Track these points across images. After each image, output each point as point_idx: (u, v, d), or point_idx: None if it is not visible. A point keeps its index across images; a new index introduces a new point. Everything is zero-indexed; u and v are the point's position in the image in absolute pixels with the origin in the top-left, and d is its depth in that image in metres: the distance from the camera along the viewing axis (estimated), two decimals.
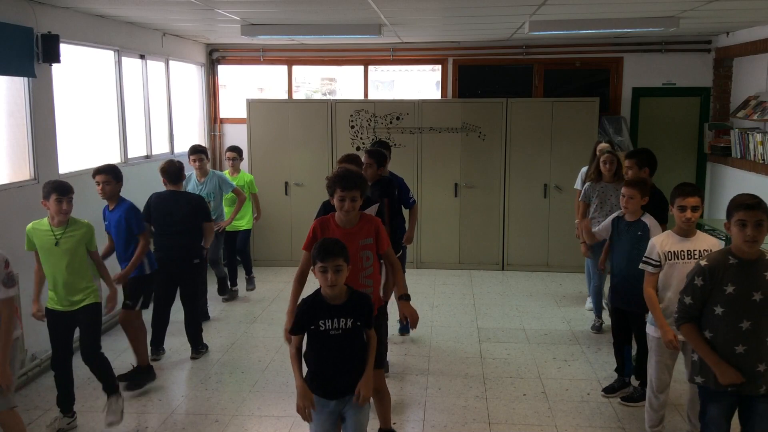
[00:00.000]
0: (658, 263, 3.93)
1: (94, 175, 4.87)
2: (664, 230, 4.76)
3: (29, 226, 4.31)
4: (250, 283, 7.52)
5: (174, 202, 5.51)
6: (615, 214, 4.82)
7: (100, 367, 4.45)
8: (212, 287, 7.13)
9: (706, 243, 3.93)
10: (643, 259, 4.01)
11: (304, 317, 3.23)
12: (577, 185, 6.71)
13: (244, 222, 7.24)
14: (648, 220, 4.63)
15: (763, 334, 3.12)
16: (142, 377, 5.05)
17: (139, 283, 5.07)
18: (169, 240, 5.47)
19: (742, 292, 3.11)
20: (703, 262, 3.21)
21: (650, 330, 4.09)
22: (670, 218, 4.32)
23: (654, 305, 3.93)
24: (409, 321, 3.85)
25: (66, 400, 4.44)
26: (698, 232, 4.00)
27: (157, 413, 4.71)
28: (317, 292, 3.23)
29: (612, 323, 4.95)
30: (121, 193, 5.02)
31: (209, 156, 6.59)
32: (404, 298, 3.89)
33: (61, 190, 4.18)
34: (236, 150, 7.36)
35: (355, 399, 3.24)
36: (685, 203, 3.88)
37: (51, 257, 4.23)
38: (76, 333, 4.44)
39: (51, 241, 4.21)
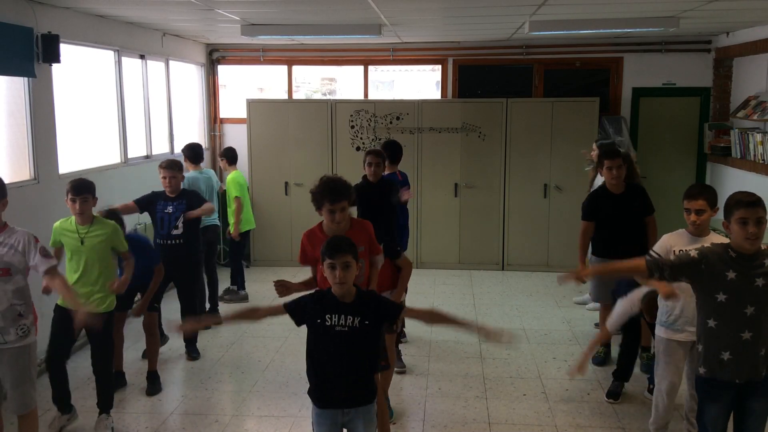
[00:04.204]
0: (658, 257, 3.92)
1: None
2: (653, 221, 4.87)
3: (57, 223, 4.34)
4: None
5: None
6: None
7: (106, 380, 4.43)
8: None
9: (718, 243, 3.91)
10: (650, 251, 4.00)
11: (308, 304, 3.16)
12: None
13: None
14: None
15: (766, 320, 3.13)
16: (157, 382, 5.10)
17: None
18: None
19: (744, 279, 3.11)
20: (707, 245, 3.29)
21: (659, 331, 4.04)
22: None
23: (626, 264, 3.64)
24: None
25: (62, 398, 4.41)
26: (712, 232, 3.94)
27: (157, 413, 4.71)
28: (329, 289, 3.18)
29: (630, 331, 4.80)
30: (120, 194, 5.02)
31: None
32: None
33: (75, 190, 4.18)
34: (224, 154, 7.27)
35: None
36: (690, 206, 3.87)
37: (76, 255, 4.24)
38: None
39: (76, 239, 4.24)
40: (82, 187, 4.21)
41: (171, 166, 5.40)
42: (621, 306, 4.15)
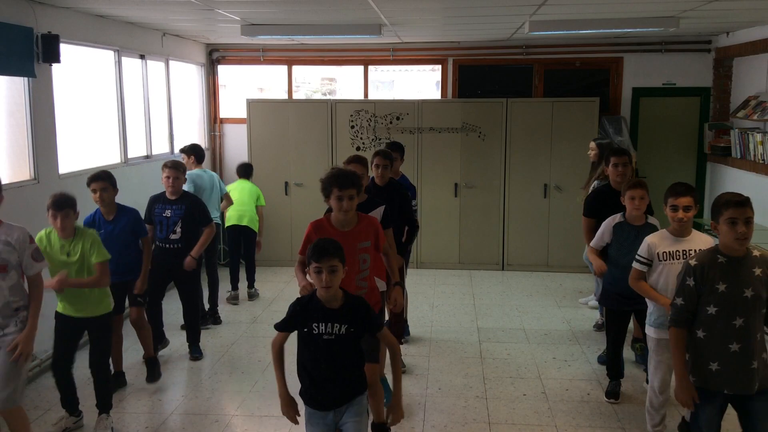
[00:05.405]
0: (648, 262, 3.95)
1: (89, 183, 4.71)
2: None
3: (40, 234, 4.19)
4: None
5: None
6: (616, 220, 4.71)
7: (104, 380, 4.43)
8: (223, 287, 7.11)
9: (701, 242, 3.90)
10: (636, 256, 4.01)
11: (297, 317, 3.15)
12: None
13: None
14: (653, 221, 4.64)
15: (754, 331, 3.14)
16: (156, 368, 5.20)
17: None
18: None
19: (733, 290, 3.11)
20: (692, 262, 3.21)
21: (650, 331, 4.07)
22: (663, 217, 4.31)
23: (646, 289, 3.96)
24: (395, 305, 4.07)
25: (70, 402, 4.44)
26: (694, 231, 3.98)
27: (157, 413, 4.71)
28: (313, 294, 3.17)
29: (613, 326, 4.81)
30: (121, 194, 5.00)
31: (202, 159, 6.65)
32: (397, 284, 4.06)
33: (56, 205, 4.08)
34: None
35: (388, 423, 3.34)
36: (677, 203, 3.86)
37: (65, 269, 4.18)
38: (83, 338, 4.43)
39: (62, 254, 4.19)
40: (63, 202, 4.09)
41: (176, 167, 5.39)
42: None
